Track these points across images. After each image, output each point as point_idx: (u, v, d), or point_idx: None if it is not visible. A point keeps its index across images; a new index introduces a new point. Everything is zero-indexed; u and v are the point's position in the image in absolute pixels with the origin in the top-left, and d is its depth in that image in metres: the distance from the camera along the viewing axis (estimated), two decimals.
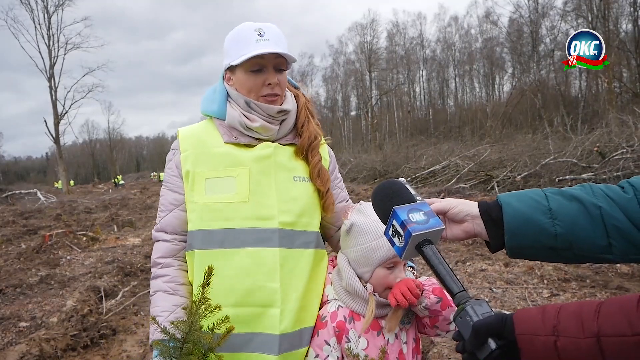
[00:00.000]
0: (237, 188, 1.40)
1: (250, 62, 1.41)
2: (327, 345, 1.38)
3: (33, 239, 9.94)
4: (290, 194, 1.44)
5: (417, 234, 0.89)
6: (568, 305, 0.75)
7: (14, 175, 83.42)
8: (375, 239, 1.36)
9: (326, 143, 1.63)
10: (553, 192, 0.99)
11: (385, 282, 1.38)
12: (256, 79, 1.43)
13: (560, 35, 35.84)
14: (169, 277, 1.45)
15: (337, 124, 60.45)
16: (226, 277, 1.36)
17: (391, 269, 1.38)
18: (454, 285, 0.86)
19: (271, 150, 1.44)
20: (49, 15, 36.95)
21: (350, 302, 1.41)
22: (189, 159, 1.46)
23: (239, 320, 1.31)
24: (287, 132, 1.52)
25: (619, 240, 0.91)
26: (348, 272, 1.41)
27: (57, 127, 36.46)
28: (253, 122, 1.44)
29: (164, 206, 1.50)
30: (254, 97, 1.45)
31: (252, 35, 1.41)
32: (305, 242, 1.43)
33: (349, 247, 1.43)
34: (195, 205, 1.43)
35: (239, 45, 1.42)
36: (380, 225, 1.34)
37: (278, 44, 1.42)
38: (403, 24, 57.65)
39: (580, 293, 4.76)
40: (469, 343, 0.78)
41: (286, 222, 1.40)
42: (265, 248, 1.37)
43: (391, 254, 1.34)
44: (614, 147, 11.65)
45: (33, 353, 3.83)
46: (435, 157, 19.09)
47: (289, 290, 1.37)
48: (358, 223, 1.39)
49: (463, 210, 1.03)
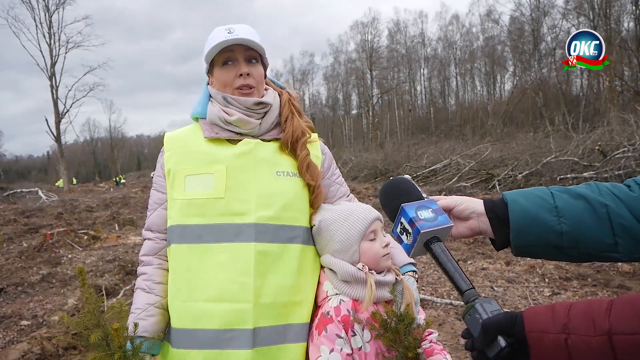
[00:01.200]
0: (215, 184, 1.41)
1: (221, 56, 1.49)
2: (339, 339, 1.37)
3: (34, 237, 9.95)
4: (272, 189, 1.44)
5: (425, 231, 0.88)
6: (578, 303, 0.74)
7: (15, 174, 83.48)
8: (344, 220, 1.43)
9: (319, 141, 1.63)
10: (559, 190, 0.98)
11: (374, 253, 1.42)
12: (229, 72, 1.49)
13: (562, 33, 35.86)
14: (147, 276, 1.49)
15: (338, 122, 60.51)
16: (202, 272, 1.37)
17: (373, 240, 1.43)
18: (462, 282, 0.85)
19: (251, 147, 1.46)
20: (50, 14, 36.95)
21: (350, 291, 1.41)
22: (172, 158, 1.50)
23: (215, 315, 1.33)
24: (270, 127, 1.54)
25: (625, 239, 0.90)
26: (338, 263, 1.42)
27: (58, 126, 36.47)
28: (231, 115, 1.47)
29: (150, 205, 1.55)
30: (230, 91, 1.50)
31: (222, 34, 1.47)
32: (290, 237, 1.43)
33: (327, 243, 1.45)
34: (175, 202, 1.46)
35: (210, 45, 1.48)
36: (341, 208, 1.44)
37: (246, 37, 1.47)
38: (404, 23, 57.71)
39: (582, 292, 4.75)
40: (478, 341, 0.78)
41: (265, 216, 1.40)
42: (241, 243, 1.37)
43: (366, 224, 1.41)
44: (615, 145, 11.64)
45: (34, 351, 3.83)
46: (436, 156, 19.10)
47: (266, 284, 1.36)
48: (322, 218, 1.46)
49: (468, 207, 1.02)
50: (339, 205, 1.52)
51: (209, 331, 1.34)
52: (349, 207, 1.49)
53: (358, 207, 1.49)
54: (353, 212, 1.45)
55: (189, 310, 1.37)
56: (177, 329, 1.40)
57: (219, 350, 1.34)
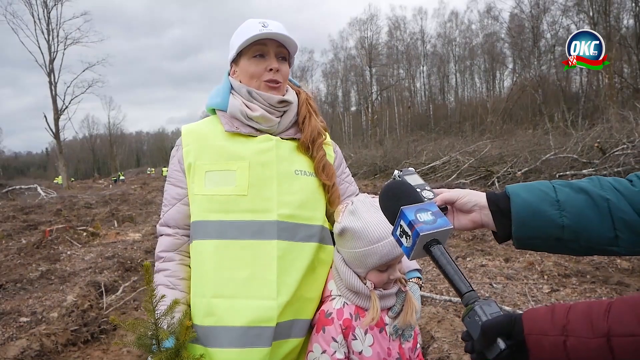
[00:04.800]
0: (237, 181, 1.41)
1: (253, 48, 1.48)
2: (334, 342, 1.38)
3: (33, 234, 9.94)
4: (292, 187, 1.45)
5: (425, 233, 0.88)
6: (577, 305, 0.74)
7: (14, 170, 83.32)
8: (367, 245, 1.35)
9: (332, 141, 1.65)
10: (561, 184, 0.99)
11: (379, 281, 1.40)
12: (258, 64, 1.48)
13: (561, 30, 35.81)
14: (169, 272, 1.46)
15: (337, 119, 60.38)
16: (224, 269, 1.37)
17: (384, 271, 1.39)
18: (462, 285, 0.85)
19: (273, 144, 1.46)
20: (49, 10, 36.77)
21: (354, 299, 1.42)
22: (191, 153, 1.48)
23: (241, 312, 1.33)
24: (288, 125, 1.55)
25: (625, 233, 0.91)
26: (346, 272, 1.42)
27: (57, 123, 36.38)
28: (254, 111, 1.47)
29: (167, 200, 1.53)
30: (256, 84, 1.49)
31: (256, 26, 1.47)
32: (307, 235, 1.44)
33: (343, 248, 1.43)
34: (195, 197, 1.45)
35: (243, 37, 1.46)
36: (372, 229, 1.35)
37: (281, 33, 1.47)
38: (403, 19, 57.55)
39: (581, 288, 4.76)
40: (477, 343, 0.78)
41: (285, 214, 1.40)
42: (264, 240, 1.38)
43: (384, 260, 1.35)
44: (614, 142, 11.62)
45: (34, 348, 3.83)
46: (435, 153, 19.07)
47: (286, 282, 1.37)
48: (350, 228, 1.38)
49: (471, 200, 1.03)
50: (371, 215, 1.38)
51: (235, 328, 1.33)
52: (381, 231, 1.35)
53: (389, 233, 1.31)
54: (380, 241, 1.35)
55: (214, 306, 1.36)
56: (201, 326, 1.38)
57: (242, 349, 1.33)
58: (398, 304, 1.44)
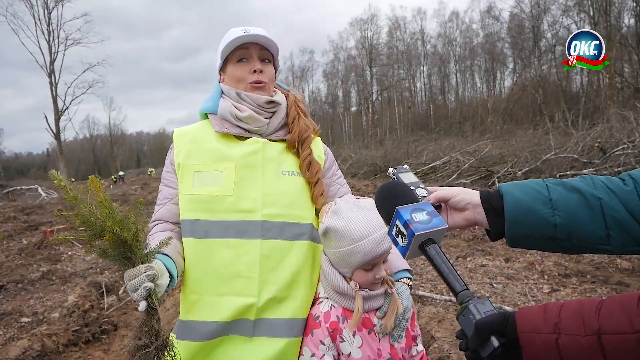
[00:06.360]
0: (223, 182, 1.45)
1: (236, 53, 1.54)
2: (322, 345, 1.39)
3: (34, 234, 9.97)
4: (278, 187, 1.48)
5: (420, 233, 0.90)
6: (569, 303, 0.75)
7: (14, 171, 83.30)
8: (350, 243, 1.34)
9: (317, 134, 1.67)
10: (554, 182, 0.99)
11: (365, 281, 1.39)
12: (243, 68, 1.55)
13: (562, 30, 35.78)
14: (163, 226, 1.50)
15: (337, 119, 60.42)
16: (209, 267, 1.41)
17: (369, 270, 1.38)
18: (456, 284, 0.86)
19: (259, 146, 1.50)
20: (49, 11, 36.90)
21: (340, 300, 1.42)
22: (181, 154, 1.53)
23: (222, 308, 1.37)
24: (278, 127, 1.59)
25: (617, 232, 0.91)
26: (331, 273, 1.42)
27: (57, 123, 36.49)
28: (242, 112, 1.52)
29: (160, 200, 1.58)
30: (243, 87, 1.55)
31: (238, 32, 1.52)
32: (296, 234, 1.46)
33: (328, 249, 1.43)
34: (183, 197, 1.49)
35: (227, 42, 1.53)
36: (354, 227, 1.34)
37: (261, 35, 1.53)
38: (403, 19, 57.53)
39: (581, 288, 4.77)
40: (471, 341, 0.79)
41: (271, 214, 1.44)
42: (248, 239, 1.41)
43: (367, 258, 1.33)
44: (615, 142, 11.62)
45: (35, 348, 3.85)
46: (436, 153, 19.07)
47: (270, 279, 1.40)
48: (333, 227, 1.37)
49: (464, 198, 1.04)
50: (354, 214, 1.37)
51: (213, 323, 1.38)
52: (363, 229, 1.34)
53: (371, 231, 1.34)
54: (362, 239, 1.33)
55: (196, 303, 1.41)
56: (183, 321, 1.43)
57: (220, 338, 1.39)
58: (386, 304, 1.45)
